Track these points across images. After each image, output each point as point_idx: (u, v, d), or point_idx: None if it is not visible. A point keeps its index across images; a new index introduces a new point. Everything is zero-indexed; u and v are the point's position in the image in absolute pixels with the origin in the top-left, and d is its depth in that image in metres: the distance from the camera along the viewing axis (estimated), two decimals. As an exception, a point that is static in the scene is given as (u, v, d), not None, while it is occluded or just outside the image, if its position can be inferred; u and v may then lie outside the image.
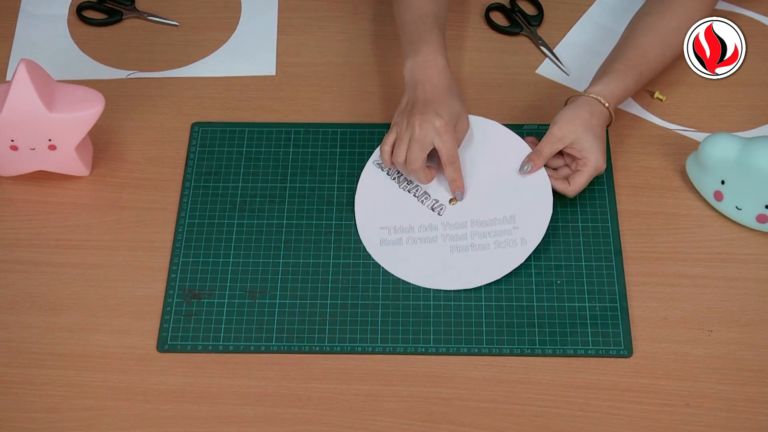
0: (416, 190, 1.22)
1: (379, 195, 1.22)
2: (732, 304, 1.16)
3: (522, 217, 1.19)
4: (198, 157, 1.28)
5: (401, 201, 1.22)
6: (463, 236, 1.19)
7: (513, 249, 1.17)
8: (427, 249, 1.18)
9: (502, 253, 1.17)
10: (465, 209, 1.20)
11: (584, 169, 1.19)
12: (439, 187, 1.22)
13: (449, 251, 1.18)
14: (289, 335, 1.14)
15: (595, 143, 1.19)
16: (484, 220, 1.19)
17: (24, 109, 1.16)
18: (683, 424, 1.08)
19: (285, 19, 1.42)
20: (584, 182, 1.20)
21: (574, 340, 1.13)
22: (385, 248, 1.18)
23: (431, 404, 1.09)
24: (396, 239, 1.19)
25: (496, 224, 1.19)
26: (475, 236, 1.18)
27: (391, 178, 1.23)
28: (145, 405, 1.10)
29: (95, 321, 1.16)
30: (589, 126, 1.19)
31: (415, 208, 1.21)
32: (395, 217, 1.20)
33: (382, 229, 1.20)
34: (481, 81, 1.35)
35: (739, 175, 1.17)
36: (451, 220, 1.20)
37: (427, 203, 1.21)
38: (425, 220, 1.20)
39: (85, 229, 1.23)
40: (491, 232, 1.19)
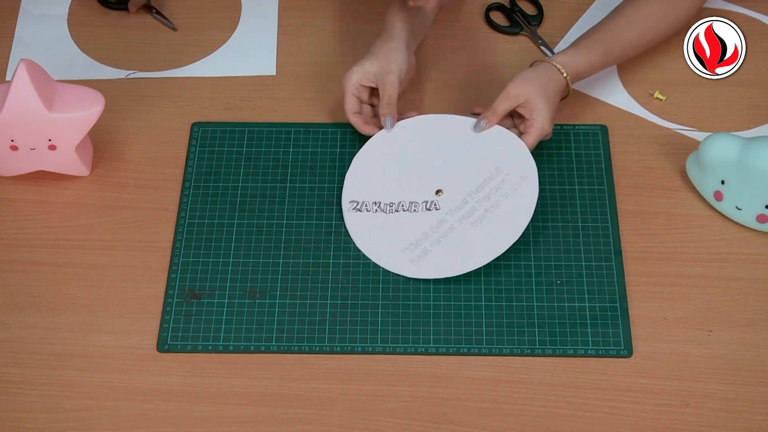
0: (402, 205, 1.21)
1: (377, 231, 1.21)
2: (732, 304, 1.16)
3: (504, 162, 1.21)
4: (198, 157, 1.28)
5: (399, 221, 1.21)
6: (473, 210, 1.19)
7: (521, 188, 1.19)
8: (452, 239, 1.18)
9: (514, 199, 1.19)
10: (456, 189, 1.21)
11: (530, 131, 1.21)
12: (417, 190, 1.22)
13: (471, 227, 1.18)
14: (289, 335, 1.14)
15: (546, 107, 1.21)
16: (477, 185, 1.21)
17: (24, 109, 1.16)
18: (683, 424, 1.08)
19: (285, 19, 1.42)
20: (531, 144, 1.21)
21: (574, 340, 1.13)
22: (421, 264, 1.18)
23: (431, 404, 1.09)
24: (423, 250, 1.18)
25: (489, 182, 1.20)
26: (481, 203, 1.19)
27: (374, 212, 1.21)
28: (145, 405, 1.10)
29: (95, 321, 1.16)
30: (544, 89, 1.21)
31: (415, 219, 1.20)
32: (407, 236, 1.19)
33: (404, 251, 1.19)
34: (481, 81, 1.35)
35: (739, 175, 1.17)
36: (451, 206, 1.20)
37: (420, 209, 1.21)
38: (432, 220, 1.20)
39: (85, 229, 1.23)
40: (491, 190, 1.20)
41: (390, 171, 1.23)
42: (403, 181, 1.23)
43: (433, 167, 1.23)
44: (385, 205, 1.21)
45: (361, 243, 1.20)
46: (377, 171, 1.24)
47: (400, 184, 1.22)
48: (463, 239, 1.18)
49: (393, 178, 1.23)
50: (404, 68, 1.24)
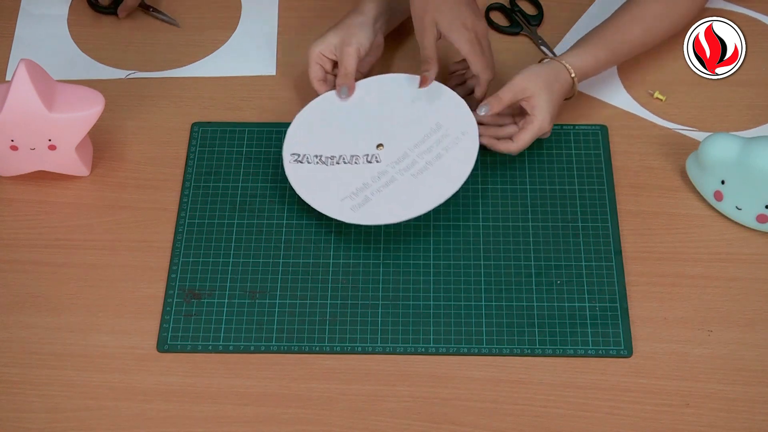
0: (343, 158, 1.22)
1: (317, 181, 1.21)
2: (732, 304, 1.16)
3: (445, 119, 1.22)
4: (198, 157, 1.28)
5: (340, 172, 1.21)
6: (414, 162, 1.21)
7: (462, 143, 1.20)
8: (394, 188, 1.19)
9: (455, 152, 1.20)
10: (397, 143, 1.22)
11: (529, 127, 1.21)
12: (359, 142, 1.23)
13: (413, 177, 1.19)
14: (289, 335, 1.14)
15: (548, 104, 1.21)
16: (418, 140, 1.22)
17: (24, 109, 1.16)
18: (683, 424, 1.08)
19: (285, 19, 1.42)
20: (528, 140, 1.22)
21: (574, 340, 1.13)
22: (362, 211, 1.18)
23: (431, 404, 1.09)
24: (363, 199, 1.19)
25: (430, 136, 1.22)
26: (422, 155, 1.21)
27: (315, 164, 1.22)
28: (145, 405, 1.10)
29: (95, 321, 1.16)
30: (550, 87, 1.21)
31: (356, 170, 1.21)
32: (347, 186, 1.20)
33: (344, 200, 1.19)
34: (481, 81, 1.35)
35: (739, 175, 1.17)
36: (392, 158, 1.21)
37: (361, 161, 1.22)
38: (373, 171, 1.21)
39: (85, 229, 1.23)
40: (432, 144, 1.21)
41: (332, 126, 1.25)
42: (344, 135, 1.24)
43: (374, 123, 1.24)
44: (326, 158, 1.22)
45: (302, 191, 1.20)
46: (319, 126, 1.25)
47: (342, 138, 1.24)
48: (404, 189, 1.19)
49: (335, 132, 1.24)
50: (365, 44, 1.26)
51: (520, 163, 1.26)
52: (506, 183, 1.25)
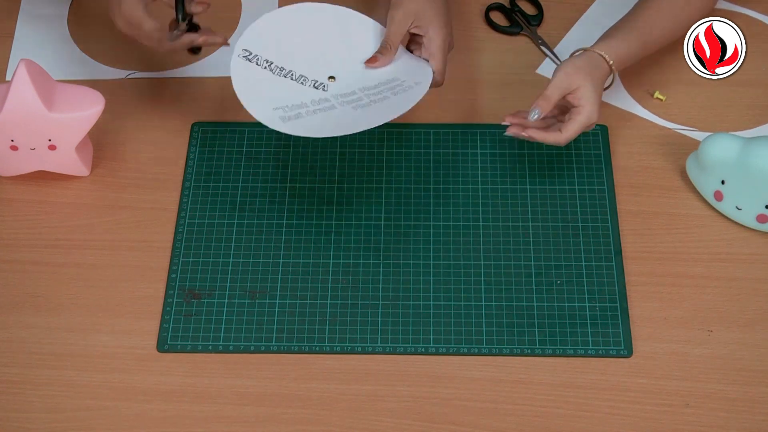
0: (291, 74, 1.22)
1: (258, 84, 1.20)
2: (732, 304, 1.16)
3: (404, 72, 1.22)
4: (198, 157, 1.28)
5: (283, 85, 1.21)
6: (359, 99, 1.20)
7: (410, 91, 1.19)
8: (334, 114, 1.19)
9: (402, 96, 1.19)
10: (348, 82, 1.22)
11: (577, 117, 1.19)
12: (313, 67, 1.23)
13: (353, 110, 1.19)
14: (289, 335, 1.14)
15: (594, 94, 1.20)
16: (371, 85, 1.22)
17: (24, 109, 1.16)
18: (683, 424, 1.08)
19: (285, 19, 1.42)
20: (576, 131, 1.20)
21: (574, 340, 1.13)
22: (290, 123, 1.17)
23: (431, 404, 1.09)
24: (295, 114, 1.18)
25: (383, 85, 1.21)
26: (370, 96, 1.20)
27: (263, 68, 1.21)
28: (145, 405, 1.10)
29: (95, 321, 1.16)
30: (592, 77, 1.20)
31: (299, 89, 1.21)
32: (284, 98, 1.19)
33: (276, 110, 1.18)
34: (481, 81, 1.35)
35: (739, 175, 1.17)
36: (339, 92, 1.21)
37: (308, 83, 1.21)
38: (315, 96, 1.20)
39: (85, 229, 1.23)
40: (383, 89, 1.21)
41: (294, 39, 1.24)
42: (302, 53, 1.23)
43: (335, 54, 1.24)
44: (275, 67, 1.21)
45: (239, 88, 1.18)
46: (283, 34, 1.24)
47: (298, 55, 1.23)
48: (339, 116, 1.18)
49: (294, 46, 1.23)
50: None
51: (520, 163, 1.27)
52: (506, 183, 1.25)
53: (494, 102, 1.33)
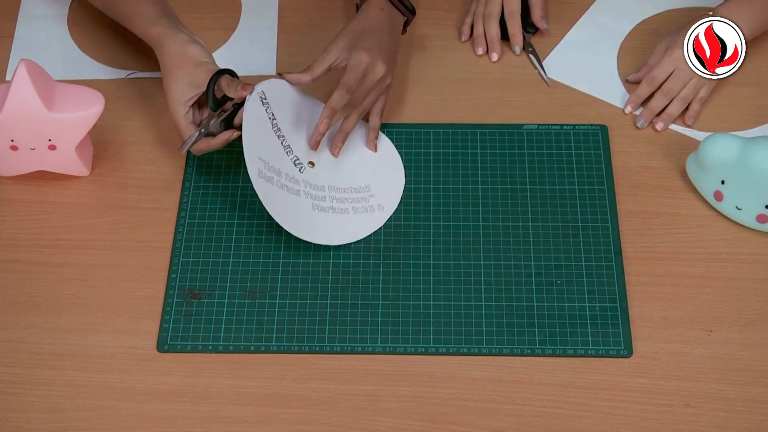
0: (283, 139, 1.22)
1: (259, 127, 1.20)
2: (732, 304, 1.16)
3: (377, 186, 1.23)
4: (198, 157, 1.28)
5: (273, 143, 1.21)
6: (323, 198, 1.21)
7: (371, 214, 1.21)
8: (293, 199, 1.19)
9: (361, 217, 1.21)
10: (322, 175, 1.22)
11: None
12: (300, 145, 1.23)
13: (311, 208, 1.20)
14: (289, 335, 1.14)
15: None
16: (341, 187, 1.22)
17: (24, 109, 1.16)
18: (683, 424, 1.08)
19: (285, 19, 1.42)
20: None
21: (574, 340, 1.13)
22: (262, 181, 1.17)
23: (431, 404, 1.09)
24: (269, 177, 1.18)
25: (352, 192, 1.22)
26: (333, 200, 1.21)
27: (268, 117, 1.21)
28: (145, 405, 1.10)
29: (95, 321, 1.16)
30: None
31: (282, 156, 1.21)
32: (269, 155, 1.19)
33: (260, 160, 1.18)
34: (480, 81, 1.35)
35: (739, 175, 1.17)
36: (310, 180, 1.21)
37: (291, 156, 1.22)
38: (290, 171, 1.21)
39: (85, 229, 1.23)
40: (348, 198, 1.22)
41: (301, 111, 1.25)
42: (301, 127, 1.24)
43: (325, 142, 1.24)
44: (275, 124, 1.21)
45: (247, 121, 1.18)
46: (296, 100, 1.24)
47: (297, 127, 1.23)
48: (297, 205, 1.19)
49: (297, 117, 1.24)
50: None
51: (520, 163, 1.27)
52: (506, 183, 1.25)
53: (494, 102, 1.33)
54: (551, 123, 1.30)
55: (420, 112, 1.32)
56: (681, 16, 1.38)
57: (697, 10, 1.35)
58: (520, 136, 1.29)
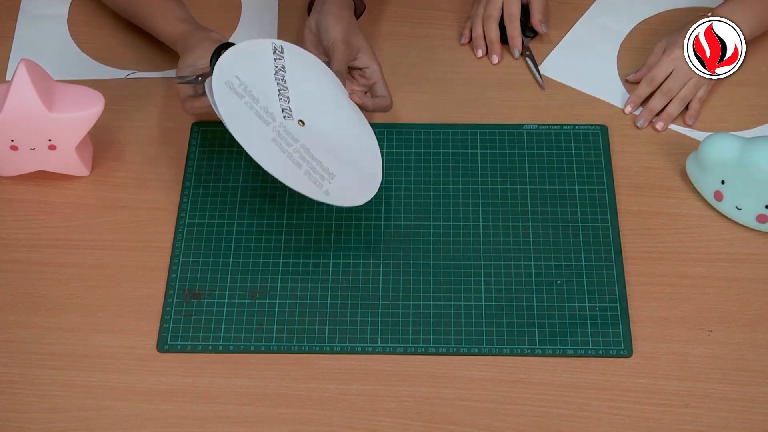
0: (284, 89, 1.21)
1: (254, 62, 1.20)
2: (732, 304, 1.16)
3: (339, 182, 1.18)
4: (198, 157, 1.28)
5: (265, 80, 1.20)
6: (289, 144, 1.17)
7: (315, 186, 1.15)
8: (256, 122, 1.16)
9: (305, 179, 1.15)
10: (304, 134, 1.19)
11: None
12: (301, 102, 1.21)
13: (270, 139, 1.16)
14: (289, 335, 1.14)
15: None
16: (312, 154, 1.18)
17: (24, 109, 1.16)
18: (683, 424, 1.08)
19: (285, 19, 1.42)
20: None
21: (574, 340, 1.13)
22: (227, 89, 1.16)
23: (431, 404, 1.09)
24: (239, 92, 1.17)
25: (317, 164, 1.18)
26: (296, 153, 1.17)
27: (274, 65, 1.21)
28: (145, 405, 1.10)
29: (95, 321, 1.16)
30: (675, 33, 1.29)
31: (270, 95, 1.19)
32: (251, 81, 1.18)
33: (235, 77, 1.17)
34: (480, 81, 1.35)
35: (739, 175, 1.17)
36: (288, 129, 1.18)
37: (282, 103, 1.20)
38: (270, 108, 1.18)
39: (85, 229, 1.23)
40: (310, 163, 1.17)
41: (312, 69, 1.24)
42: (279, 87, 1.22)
43: (316, 107, 1.22)
44: (280, 68, 1.22)
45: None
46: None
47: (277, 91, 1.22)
48: (257, 129, 1.17)
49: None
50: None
51: (520, 163, 1.27)
52: (506, 183, 1.25)
53: (494, 102, 1.33)
54: (551, 123, 1.30)
55: (420, 112, 1.32)
56: (681, 16, 1.38)
57: (696, 10, 1.35)
58: (520, 136, 1.29)
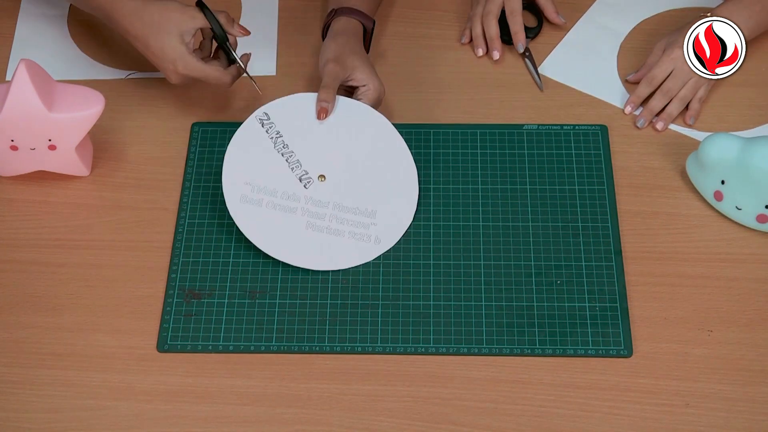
0: (290, 155, 1.21)
1: (253, 150, 1.21)
2: (732, 304, 1.16)
3: (383, 215, 1.20)
4: (198, 157, 1.28)
5: (273, 162, 1.21)
6: (322, 216, 1.19)
7: (366, 244, 1.18)
8: (283, 218, 1.18)
9: (356, 245, 1.18)
10: (331, 190, 1.20)
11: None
12: (313, 159, 1.21)
13: (305, 227, 1.18)
14: (289, 335, 1.14)
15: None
16: (347, 206, 1.20)
17: (24, 109, 1.16)
18: (683, 424, 1.08)
19: (285, 19, 1.42)
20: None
21: (574, 340, 1.13)
22: (244, 205, 1.18)
23: (431, 404, 1.09)
24: (257, 199, 1.19)
25: (356, 214, 1.19)
26: (333, 220, 1.19)
27: (270, 137, 1.21)
28: (145, 405, 1.10)
29: (95, 321, 1.16)
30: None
31: (284, 174, 1.20)
32: (262, 177, 1.20)
33: (246, 185, 1.19)
34: (480, 81, 1.35)
35: (739, 175, 1.17)
36: (314, 196, 1.20)
37: (297, 172, 1.20)
38: (290, 189, 1.20)
39: (85, 229, 1.23)
40: (350, 220, 1.19)
41: (312, 125, 1.23)
42: (312, 141, 1.22)
43: (340, 152, 1.22)
44: (281, 141, 1.22)
45: (236, 142, 1.20)
46: (306, 116, 1.23)
47: (307, 141, 1.22)
48: (287, 224, 1.18)
49: (309, 132, 1.23)
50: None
51: (520, 163, 1.27)
52: (506, 183, 1.25)
53: (494, 102, 1.33)
54: (551, 123, 1.30)
55: (420, 112, 1.32)
56: (681, 16, 1.38)
57: (696, 10, 1.35)
58: (520, 137, 1.29)
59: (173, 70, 1.22)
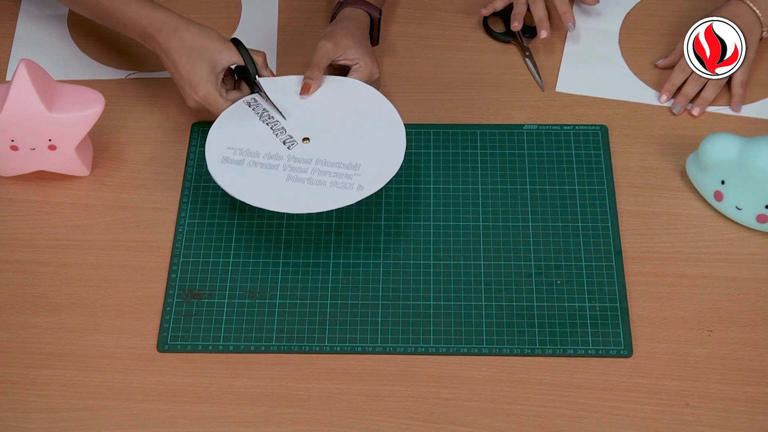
0: (275, 124, 1.23)
1: (236, 122, 1.22)
2: (732, 304, 1.16)
3: (366, 167, 1.20)
4: (198, 157, 1.28)
5: (256, 130, 1.22)
6: (304, 170, 1.19)
7: (347, 191, 1.18)
8: (264, 173, 1.19)
9: (335, 192, 1.18)
10: (314, 149, 1.21)
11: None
12: (298, 126, 1.23)
13: (284, 180, 1.19)
14: (289, 335, 1.14)
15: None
16: (330, 161, 1.20)
17: (24, 109, 1.16)
18: (683, 424, 1.08)
19: (285, 19, 1.42)
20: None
21: (574, 340, 1.13)
22: (224, 166, 1.19)
23: (431, 404, 1.09)
24: (238, 160, 1.19)
25: (339, 167, 1.20)
26: (314, 173, 1.19)
27: (255, 113, 1.23)
28: (145, 405, 1.10)
29: (95, 321, 1.16)
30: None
31: (267, 138, 1.22)
32: (244, 141, 1.21)
33: (228, 149, 1.20)
34: (480, 81, 1.35)
35: (739, 175, 1.17)
36: (297, 155, 1.21)
37: (281, 137, 1.22)
38: (272, 150, 1.21)
39: (85, 229, 1.23)
40: (332, 172, 1.19)
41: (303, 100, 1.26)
42: (300, 111, 1.24)
43: (328, 118, 1.24)
44: (273, 109, 1.24)
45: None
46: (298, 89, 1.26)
47: (296, 111, 1.24)
48: (269, 179, 1.19)
49: (299, 104, 1.25)
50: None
51: (520, 163, 1.27)
52: (506, 183, 1.25)
53: (493, 102, 1.33)
54: (551, 123, 1.30)
55: (420, 112, 1.32)
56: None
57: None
58: (520, 137, 1.29)
59: (193, 95, 1.22)
